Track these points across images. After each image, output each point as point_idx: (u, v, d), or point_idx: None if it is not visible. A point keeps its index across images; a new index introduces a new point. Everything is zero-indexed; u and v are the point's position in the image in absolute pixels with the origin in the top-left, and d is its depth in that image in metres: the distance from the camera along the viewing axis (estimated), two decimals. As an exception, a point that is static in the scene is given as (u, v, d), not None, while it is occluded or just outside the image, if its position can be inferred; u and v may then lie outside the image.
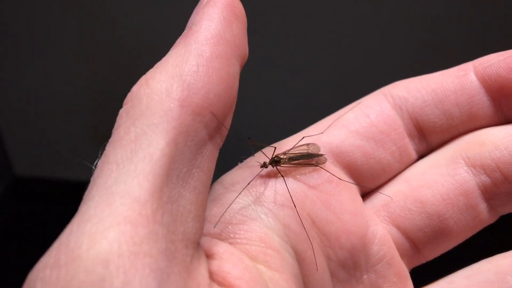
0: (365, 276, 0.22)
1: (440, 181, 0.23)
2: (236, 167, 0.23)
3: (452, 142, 0.24)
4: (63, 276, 0.13)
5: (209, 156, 0.18)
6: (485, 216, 0.23)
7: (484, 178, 0.22)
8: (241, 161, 0.23)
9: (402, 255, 0.23)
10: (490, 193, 0.23)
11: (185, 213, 0.16)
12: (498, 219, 0.24)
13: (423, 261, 0.24)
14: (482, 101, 0.23)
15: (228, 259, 0.18)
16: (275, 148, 0.23)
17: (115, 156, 0.16)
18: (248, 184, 0.21)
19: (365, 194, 0.25)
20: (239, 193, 0.21)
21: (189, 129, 0.16)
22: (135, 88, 0.17)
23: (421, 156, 0.25)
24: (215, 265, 0.18)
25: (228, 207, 0.20)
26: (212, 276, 0.17)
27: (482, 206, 0.23)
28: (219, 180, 0.22)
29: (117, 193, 0.15)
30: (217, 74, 0.17)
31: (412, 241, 0.23)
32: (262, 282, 0.18)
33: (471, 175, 0.23)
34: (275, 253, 0.20)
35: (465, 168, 0.23)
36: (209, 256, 0.18)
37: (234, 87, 0.18)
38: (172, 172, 0.16)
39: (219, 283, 0.17)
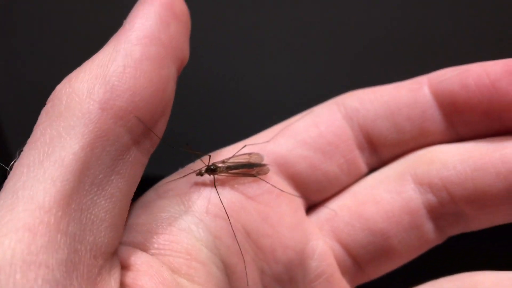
0: None
1: (386, 198, 0.22)
2: (173, 174, 0.22)
3: (403, 157, 0.23)
4: None
5: (133, 163, 0.17)
6: (431, 236, 0.22)
7: (430, 197, 0.22)
8: (182, 167, 0.22)
9: (344, 272, 0.23)
10: (436, 213, 0.22)
11: (97, 221, 0.15)
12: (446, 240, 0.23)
13: (366, 280, 0.23)
14: (434, 116, 0.22)
15: (145, 271, 0.17)
16: (210, 156, 0.22)
17: (27, 159, 0.15)
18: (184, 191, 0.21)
19: (311, 207, 0.24)
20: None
21: (109, 133, 0.15)
22: (58, 87, 0.16)
23: (372, 169, 0.24)
24: (130, 277, 0.17)
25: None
26: (124, 284, 0.17)
27: (428, 226, 0.22)
28: (155, 186, 0.21)
29: (22, 198, 0.14)
30: (146, 77, 0.16)
31: (354, 258, 0.23)
32: None
33: (418, 193, 0.22)
34: (201, 266, 0.19)
35: (412, 185, 0.22)
36: (125, 267, 0.17)
37: (167, 91, 0.17)
38: (86, 178, 0.15)
39: None
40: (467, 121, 0.21)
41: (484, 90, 0.20)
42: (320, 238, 0.22)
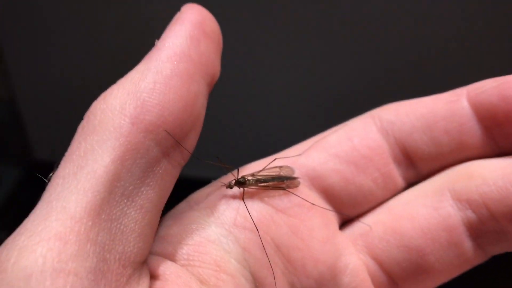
0: None
1: (423, 214, 0.21)
2: (205, 186, 0.23)
3: (441, 172, 0.22)
4: None
5: (164, 175, 0.17)
6: (471, 254, 0.21)
7: (469, 213, 0.20)
8: (214, 179, 0.23)
9: None
10: (476, 230, 0.21)
11: (126, 231, 0.16)
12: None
13: None
14: (474, 129, 0.21)
15: (173, 281, 0.18)
16: (238, 169, 0.22)
17: (63, 171, 0.16)
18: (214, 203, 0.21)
19: (346, 222, 0.23)
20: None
21: (139, 146, 0.16)
22: (94, 103, 0.17)
23: (410, 184, 0.23)
24: (158, 286, 0.17)
25: None
26: None
27: (468, 244, 0.21)
28: (187, 198, 0.22)
29: (55, 208, 0.15)
30: (175, 92, 0.17)
31: (389, 275, 0.22)
32: None
33: (456, 209, 0.21)
34: (230, 278, 0.19)
35: (450, 201, 0.21)
36: (154, 276, 0.18)
37: (197, 105, 0.18)
38: (116, 189, 0.16)
39: None
40: (508, 134, 0.20)
41: None
42: (353, 253, 0.22)
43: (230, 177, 0.22)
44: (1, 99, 0.75)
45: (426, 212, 0.21)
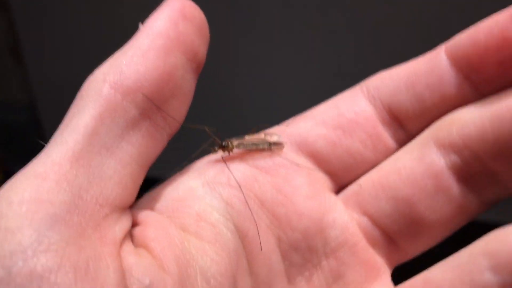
0: (324, 262, 0.21)
1: (409, 165, 0.21)
2: (193, 154, 0.24)
3: (428, 127, 0.22)
4: None
5: (144, 134, 0.19)
6: (463, 200, 0.21)
7: (453, 157, 0.21)
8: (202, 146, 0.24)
9: (374, 245, 0.22)
10: (463, 174, 0.21)
11: (105, 178, 0.18)
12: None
13: (406, 258, 0.22)
14: (453, 80, 0.21)
15: (152, 225, 0.19)
16: (218, 132, 0.23)
17: (55, 134, 0.18)
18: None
19: (341, 189, 0.24)
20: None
21: (117, 106, 0.18)
22: (88, 78, 0.20)
23: (403, 145, 0.23)
24: (138, 230, 0.19)
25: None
26: (132, 238, 0.19)
27: (457, 189, 0.21)
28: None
29: (40, 158, 0.17)
30: (152, 63, 0.19)
31: (383, 229, 0.22)
32: (181, 247, 0.19)
33: (440, 156, 0.21)
34: (210, 226, 0.20)
35: (434, 149, 0.21)
36: (135, 224, 0.19)
37: (174, 75, 0.19)
38: (95, 142, 0.18)
39: (135, 243, 0.18)
40: (485, 78, 0.20)
41: (494, 41, 0.20)
42: (342, 210, 0.22)
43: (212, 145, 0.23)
44: (21, 103, 0.77)
45: (412, 163, 0.21)
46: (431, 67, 0.22)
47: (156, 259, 0.18)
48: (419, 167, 0.21)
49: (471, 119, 0.20)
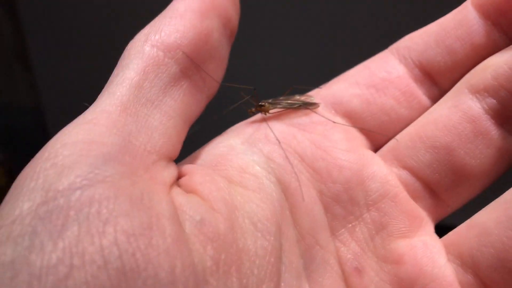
0: (366, 214, 0.21)
1: (445, 114, 0.21)
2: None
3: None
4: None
5: (186, 92, 0.20)
6: (503, 143, 0.21)
7: (489, 100, 0.21)
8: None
9: (416, 197, 0.22)
10: (501, 116, 0.21)
11: (151, 127, 0.18)
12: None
13: (449, 211, 0.22)
14: (482, 28, 0.22)
15: (198, 173, 0.19)
16: (255, 90, 0.23)
17: (103, 90, 0.19)
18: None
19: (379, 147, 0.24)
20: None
21: (159, 62, 0.19)
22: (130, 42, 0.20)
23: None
24: (185, 179, 0.19)
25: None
26: (180, 186, 0.19)
27: (495, 132, 0.21)
28: None
29: (90, 108, 0.18)
30: (189, 22, 0.20)
31: (424, 181, 0.22)
32: (228, 191, 0.19)
33: (476, 101, 0.21)
34: (253, 177, 0.20)
35: (470, 95, 0.21)
36: (181, 175, 0.20)
37: (211, 36, 0.20)
38: (141, 94, 0.18)
39: (184, 190, 0.18)
40: None
41: None
42: (381, 164, 0.22)
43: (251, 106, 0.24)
44: (27, 106, 0.77)
45: (448, 112, 0.21)
46: (459, 19, 0.22)
47: (205, 200, 0.18)
48: (456, 114, 0.21)
49: (503, 61, 0.20)
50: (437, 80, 0.23)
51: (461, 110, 0.21)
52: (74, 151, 0.16)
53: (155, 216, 0.16)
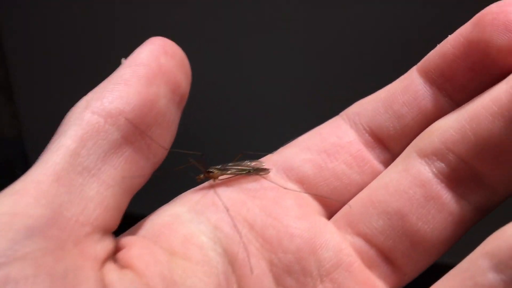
0: (319, 286, 0.21)
1: (396, 178, 0.22)
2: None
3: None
4: None
5: (127, 159, 0.19)
6: (455, 207, 0.21)
7: (438, 164, 0.21)
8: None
9: (371, 266, 0.21)
10: (451, 180, 0.21)
11: (86, 197, 0.18)
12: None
13: (407, 279, 0.22)
14: (428, 93, 0.22)
15: (137, 246, 0.19)
16: (203, 155, 0.23)
17: (38, 159, 0.18)
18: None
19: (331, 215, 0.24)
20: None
21: (99, 129, 0.19)
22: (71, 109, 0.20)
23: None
24: (122, 253, 0.19)
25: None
26: (115, 261, 0.18)
27: (447, 196, 0.21)
28: None
29: (23, 178, 0.18)
30: (134, 89, 0.19)
31: (378, 248, 0.21)
32: (168, 266, 0.18)
33: (425, 164, 0.21)
34: (197, 248, 0.20)
35: (419, 160, 0.21)
36: (119, 249, 0.19)
37: (157, 103, 0.20)
38: (77, 162, 0.18)
39: (119, 265, 0.18)
40: (458, 85, 0.21)
41: (462, 48, 0.21)
42: (334, 231, 0.22)
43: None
44: (9, 137, 0.77)
45: (398, 176, 0.21)
46: (406, 85, 0.22)
47: (141, 277, 0.17)
48: (406, 179, 0.21)
49: (450, 124, 0.21)
50: (388, 145, 0.23)
51: (411, 175, 0.21)
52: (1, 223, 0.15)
53: None
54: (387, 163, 0.23)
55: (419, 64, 0.23)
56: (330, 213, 0.23)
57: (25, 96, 0.75)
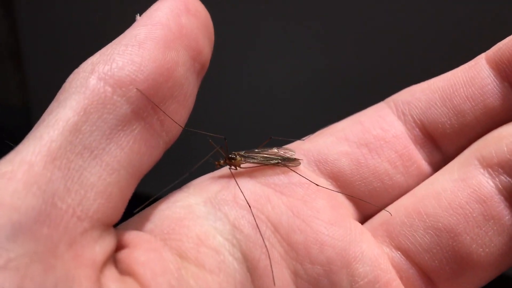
0: None
1: (450, 188, 0.18)
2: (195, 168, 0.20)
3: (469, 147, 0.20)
4: None
5: (137, 137, 0.16)
6: None
7: (504, 179, 0.18)
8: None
9: (410, 287, 0.19)
10: None
11: (86, 184, 0.15)
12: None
13: None
14: (497, 89, 0.19)
15: (142, 246, 0.16)
16: (225, 138, 0.20)
17: (30, 132, 0.16)
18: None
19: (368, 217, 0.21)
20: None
21: (106, 100, 0.16)
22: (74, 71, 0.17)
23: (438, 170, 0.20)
24: (124, 253, 0.16)
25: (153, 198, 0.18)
26: (116, 263, 0.16)
27: (510, 218, 0.18)
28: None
29: (8, 156, 0.15)
30: (148, 54, 0.16)
31: (420, 267, 0.19)
32: (177, 275, 0.16)
33: (488, 176, 0.18)
34: (213, 252, 0.17)
35: (480, 169, 0.18)
36: (122, 247, 0.16)
37: (175, 72, 0.17)
38: (77, 140, 0.15)
39: (120, 270, 0.15)
40: None
41: None
42: (371, 240, 0.19)
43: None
44: (15, 106, 0.75)
45: (454, 186, 0.18)
46: (471, 76, 0.19)
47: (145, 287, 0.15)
48: (464, 191, 0.18)
49: None
50: (441, 144, 0.20)
51: (470, 187, 0.18)
52: None
53: None
54: (437, 166, 0.20)
55: (490, 52, 0.19)
56: (364, 217, 0.20)
57: (34, 64, 0.73)
